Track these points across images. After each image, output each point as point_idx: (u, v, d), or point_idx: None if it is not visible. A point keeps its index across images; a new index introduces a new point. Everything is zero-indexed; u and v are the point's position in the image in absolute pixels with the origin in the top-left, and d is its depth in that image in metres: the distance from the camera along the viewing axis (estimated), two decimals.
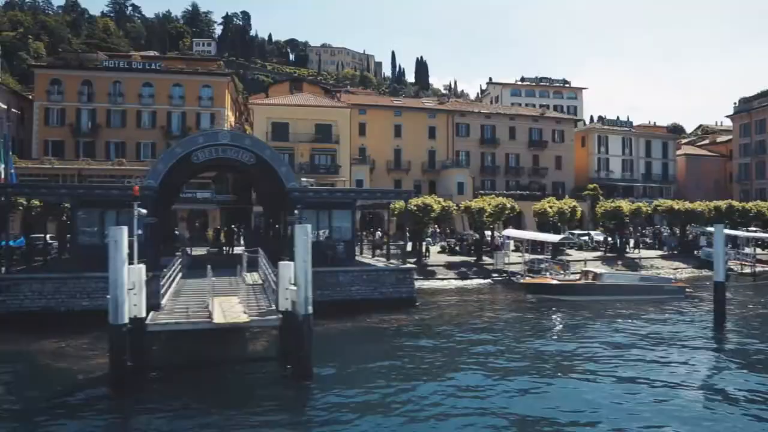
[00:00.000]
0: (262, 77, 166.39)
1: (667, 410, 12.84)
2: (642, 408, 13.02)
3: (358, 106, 62.02)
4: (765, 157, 74.19)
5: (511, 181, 66.16)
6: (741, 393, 14.02)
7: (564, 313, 25.06)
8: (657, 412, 12.76)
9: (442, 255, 41.89)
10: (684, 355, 18.15)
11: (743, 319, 25.01)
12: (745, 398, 13.64)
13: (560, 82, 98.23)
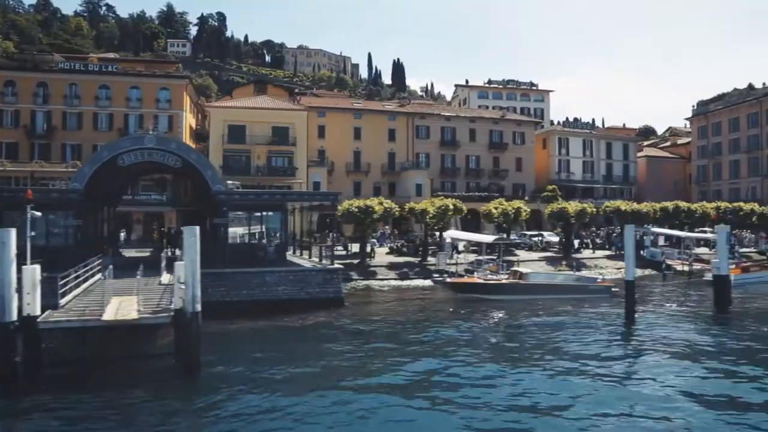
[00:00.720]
0: (237, 78, 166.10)
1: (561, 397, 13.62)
2: (530, 397, 13.67)
3: (317, 108, 62.41)
4: (721, 159, 75.81)
5: (471, 182, 66.89)
6: (641, 381, 15.06)
7: (484, 310, 25.67)
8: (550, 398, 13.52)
9: (390, 256, 42.51)
10: (591, 348, 18.87)
11: (656, 314, 25.82)
12: (649, 386, 14.61)
13: (527, 84, 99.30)
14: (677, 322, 24.13)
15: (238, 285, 25.91)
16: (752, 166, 71.29)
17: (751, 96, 72.16)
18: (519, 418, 12.44)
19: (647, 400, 13.52)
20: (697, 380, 15.35)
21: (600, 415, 12.47)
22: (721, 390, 14.38)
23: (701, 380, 15.37)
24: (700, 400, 13.52)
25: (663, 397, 13.78)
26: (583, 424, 12.00)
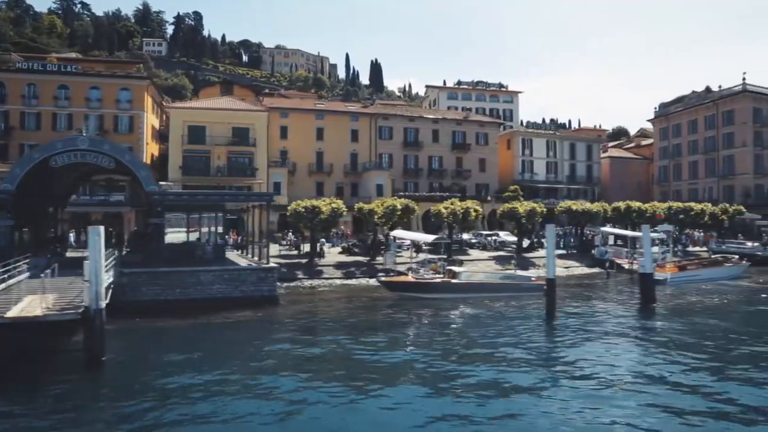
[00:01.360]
0: (213, 78, 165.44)
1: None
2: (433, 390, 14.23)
3: (279, 109, 62.68)
4: (681, 160, 77.31)
5: (434, 182, 67.53)
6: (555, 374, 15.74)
7: (410, 309, 26.26)
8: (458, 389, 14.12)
9: (342, 256, 43.04)
10: (504, 343, 19.53)
11: (581, 310, 26.65)
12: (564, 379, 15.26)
13: (496, 85, 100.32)
14: (597, 317, 24.96)
15: (172, 284, 26.32)
16: (709, 167, 72.82)
17: (708, 99, 73.69)
18: (423, 407, 13.04)
19: (555, 390, 14.27)
20: (601, 368, 16.22)
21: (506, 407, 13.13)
22: (622, 377, 15.34)
23: (604, 368, 16.24)
24: (601, 388, 14.43)
25: (570, 387, 14.52)
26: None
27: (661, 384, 14.65)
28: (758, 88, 69.34)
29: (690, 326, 22.47)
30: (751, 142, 68.17)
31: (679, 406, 12.89)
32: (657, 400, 13.34)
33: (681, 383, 14.67)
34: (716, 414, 12.48)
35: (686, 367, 16.27)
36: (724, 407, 12.85)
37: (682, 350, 18.29)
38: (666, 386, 14.48)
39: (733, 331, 21.78)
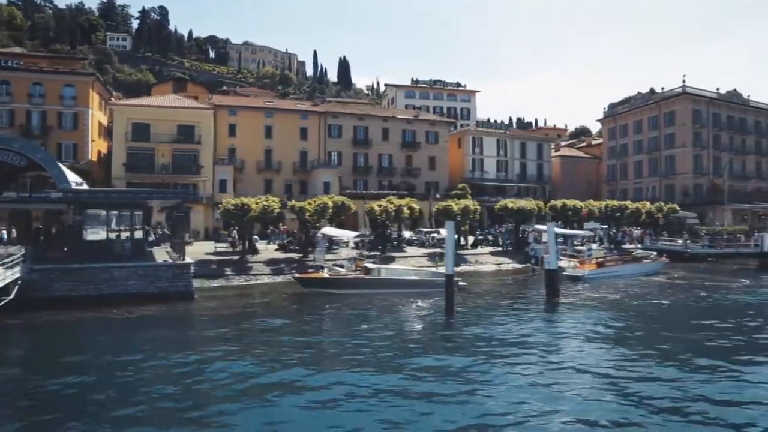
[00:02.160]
0: (179, 74, 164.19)
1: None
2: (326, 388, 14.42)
3: (227, 107, 62.94)
4: (627, 160, 79.38)
5: (384, 180, 68.41)
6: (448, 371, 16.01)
7: (318, 304, 26.97)
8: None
9: (278, 252, 43.61)
10: (397, 337, 20.17)
11: (486, 305, 27.72)
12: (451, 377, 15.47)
13: (454, 85, 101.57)
14: (498, 312, 25.96)
15: (85, 280, 26.65)
16: (652, 167, 74.96)
17: (651, 100, 75.82)
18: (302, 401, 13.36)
19: (444, 381, 14.74)
20: (484, 357, 17.06)
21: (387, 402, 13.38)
22: (507, 367, 16.05)
23: (487, 357, 17.10)
24: (485, 376, 15.12)
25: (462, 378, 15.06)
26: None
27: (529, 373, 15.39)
28: (697, 91, 71.60)
29: (583, 319, 23.49)
30: (691, 142, 70.37)
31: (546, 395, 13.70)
32: (529, 389, 14.02)
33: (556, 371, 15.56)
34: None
35: (562, 356, 17.15)
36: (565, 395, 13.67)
37: (568, 340, 19.39)
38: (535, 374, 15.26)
39: (619, 322, 22.97)
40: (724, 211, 63.91)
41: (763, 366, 16.21)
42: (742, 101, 76.66)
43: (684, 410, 12.48)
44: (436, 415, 12.21)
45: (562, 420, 11.87)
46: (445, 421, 11.83)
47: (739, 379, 14.75)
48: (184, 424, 11.91)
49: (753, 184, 76.86)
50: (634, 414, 12.19)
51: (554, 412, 12.39)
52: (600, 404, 12.92)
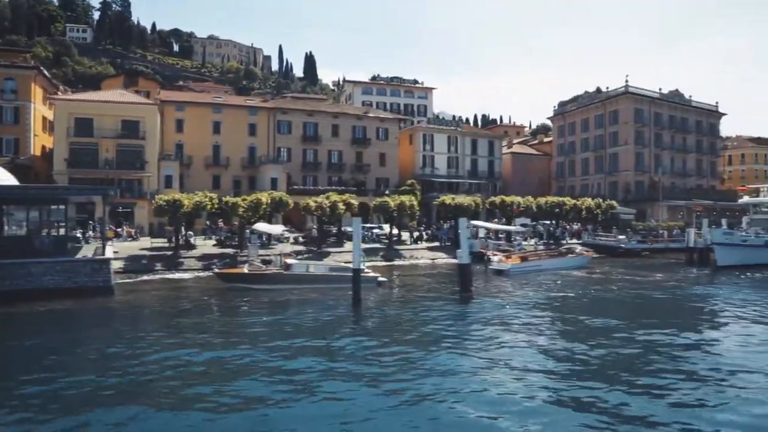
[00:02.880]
0: (141, 67, 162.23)
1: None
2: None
3: (175, 102, 63.00)
4: (575, 157, 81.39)
5: (334, 177, 69.12)
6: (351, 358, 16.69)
7: (233, 299, 27.59)
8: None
9: (215, 248, 44.09)
10: (318, 331, 20.59)
11: (394, 298, 28.67)
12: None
13: (411, 82, 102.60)
14: (406, 305, 26.92)
15: (1, 276, 26.94)
16: (598, 164, 77.06)
17: (597, 99, 77.87)
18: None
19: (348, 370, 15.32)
20: (389, 347, 17.78)
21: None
22: (410, 356, 16.64)
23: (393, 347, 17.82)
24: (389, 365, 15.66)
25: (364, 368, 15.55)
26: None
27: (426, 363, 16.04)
28: (639, 90, 73.77)
29: (484, 311, 24.47)
30: (633, 140, 72.56)
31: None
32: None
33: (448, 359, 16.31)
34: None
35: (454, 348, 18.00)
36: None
37: (462, 330, 20.34)
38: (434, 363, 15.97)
39: (519, 312, 23.98)
40: (661, 207, 66.14)
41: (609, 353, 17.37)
42: (684, 101, 79.16)
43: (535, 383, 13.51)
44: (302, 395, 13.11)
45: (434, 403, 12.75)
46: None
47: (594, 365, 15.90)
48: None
49: (694, 181, 79.58)
50: (506, 397, 13.01)
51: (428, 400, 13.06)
52: (457, 384, 13.84)
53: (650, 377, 14.49)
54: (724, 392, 13.35)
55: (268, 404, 12.56)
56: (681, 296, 29.67)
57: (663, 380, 14.17)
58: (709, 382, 14.13)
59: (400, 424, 11.50)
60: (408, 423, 11.51)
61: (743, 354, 16.98)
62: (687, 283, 34.79)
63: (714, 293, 31.01)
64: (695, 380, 14.23)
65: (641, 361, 16.15)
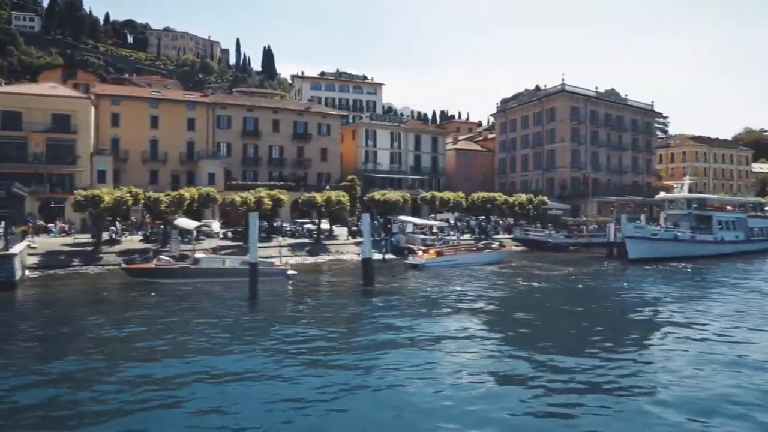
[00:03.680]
0: (93, 59, 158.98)
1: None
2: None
3: (110, 96, 62.42)
4: (515, 154, 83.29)
5: (274, 172, 69.40)
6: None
7: (137, 294, 28.02)
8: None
9: (141, 243, 44.20)
10: (200, 325, 21.09)
11: (296, 292, 29.43)
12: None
13: (360, 77, 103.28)
14: (306, 298, 27.71)
15: None
16: (536, 161, 79.07)
17: (536, 97, 79.82)
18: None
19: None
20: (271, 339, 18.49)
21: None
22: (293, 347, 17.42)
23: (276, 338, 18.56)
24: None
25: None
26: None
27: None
28: (574, 88, 75.88)
29: (380, 304, 25.46)
30: (569, 138, 74.64)
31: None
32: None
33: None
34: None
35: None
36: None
37: (354, 323, 21.17)
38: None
39: (412, 306, 24.87)
40: (591, 203, 68.39)
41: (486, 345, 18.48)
42: (620, 100, 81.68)
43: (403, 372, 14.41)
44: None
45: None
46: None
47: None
48: None
49: (630, 178, 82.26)
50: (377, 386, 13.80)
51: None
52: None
53: (503, 364, 15.61)
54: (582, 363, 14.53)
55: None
56: (571, 287, 31.14)
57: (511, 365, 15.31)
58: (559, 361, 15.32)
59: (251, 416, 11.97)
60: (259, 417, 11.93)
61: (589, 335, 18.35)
62: (589, 276, 36.42)
63: (607, 284, 32.74)
64: (545, 360, 15.39)
65: (500, 348, 17.32)
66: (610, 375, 14.43)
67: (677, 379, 14.01)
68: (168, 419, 11.73)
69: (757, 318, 21.75)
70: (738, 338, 18.44)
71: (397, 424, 11.46)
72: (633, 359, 16.03)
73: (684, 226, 49.10)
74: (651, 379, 14.14)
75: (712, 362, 15.45)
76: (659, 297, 27.57)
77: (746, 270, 39.65)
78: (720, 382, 13.74)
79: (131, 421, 11.46)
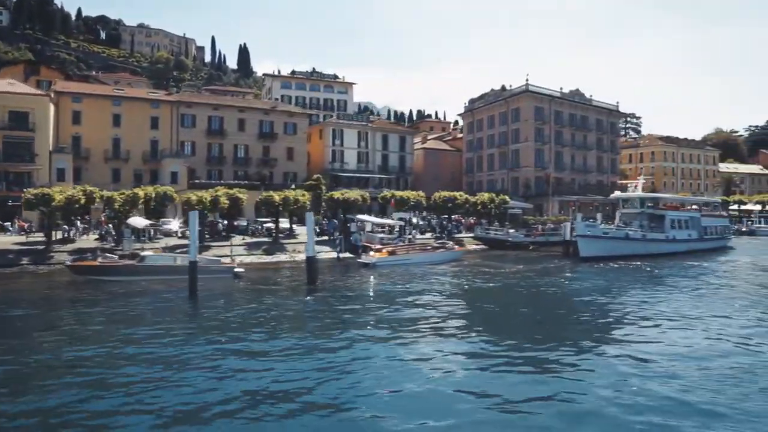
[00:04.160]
0: (64, 55, 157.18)
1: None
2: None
3: (71, 94, 62.00)
4: (482, 153, 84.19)
5: (239, 171, 69.44)
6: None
7: (78, 291, 28.16)
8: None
9: (96, 242, 44.13)
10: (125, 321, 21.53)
11: (244, 290, 29.77)
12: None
13: (331, 77, 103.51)
14: (249, 297, 28.02)
15: None
16: (502, 160, 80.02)
17: (501, 97, 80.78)
18: None
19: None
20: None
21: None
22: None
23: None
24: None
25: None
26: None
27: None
28: (538, 89, 76.95)
29: (319, 301, 25.98)
30: (533, 137, 75.68)
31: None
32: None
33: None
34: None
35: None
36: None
37: (288, 320, 21.53)
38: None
39: (352, 303, 25.40)
40: (553, 202, 69.47)
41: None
42: (584, 100, 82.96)
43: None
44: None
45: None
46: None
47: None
48: None
49: (594, 177, 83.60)
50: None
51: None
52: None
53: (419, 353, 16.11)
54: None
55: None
56: (511, 284, 31.74)
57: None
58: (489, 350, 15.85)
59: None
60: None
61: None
62: (534, 273, 37.09)
63: (548, 280, 33.47)
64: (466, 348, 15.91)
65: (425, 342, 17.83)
66: (521, 364, 15.03)
67: (590, 370, 14.67)
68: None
69: (686, 316, 22.35)
70: (655, 335, 19.01)
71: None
72: (551, 349, 16.70)
73: (637, 224, 50.21)
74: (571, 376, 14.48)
75: (623, 359, 15.99)
76: (594, 292, 28.43)
77: (692, 267, 40.68)
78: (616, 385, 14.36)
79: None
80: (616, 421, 11.35)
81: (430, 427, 11.08)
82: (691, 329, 19.72)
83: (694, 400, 12.41)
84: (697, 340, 17.97)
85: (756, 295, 27.99)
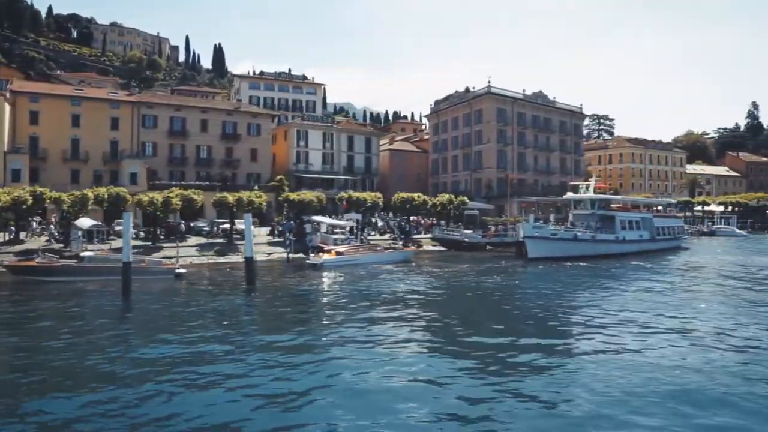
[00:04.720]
0: (33, 53, 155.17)
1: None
2: None
3: (28, 94, 61.61)
4: (447, 154, 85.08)
5: (202, 172, 69.35)
6: None
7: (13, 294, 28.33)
8: None
9: (47, 243, 44.08)
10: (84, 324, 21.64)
11: (189, 290, 30.10)
12: None
13: (300, 77, 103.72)
14: (184, 297, 28.37)
15: None
16: (465, 161, 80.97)
17: (465, 99, 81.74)
18: None
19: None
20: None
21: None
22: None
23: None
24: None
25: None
26: None
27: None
28: (500, 91, 78.05)
29: (253, 302, 26.47)
30: (495, 139, 76.70)
31: None
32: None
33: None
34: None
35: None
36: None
37: (221, 319, 21.95)
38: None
39: (285, 303, 25.93)
40: (512, 203, 70.53)
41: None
42: (548, 102, 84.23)
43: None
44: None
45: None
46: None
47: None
48: None
49: (558, 178, 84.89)
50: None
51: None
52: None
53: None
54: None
55: None
56: (449, 284, 32.36)
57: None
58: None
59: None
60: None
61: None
62: (478, 273, 37.82)
63: (488, 280, 34.24)
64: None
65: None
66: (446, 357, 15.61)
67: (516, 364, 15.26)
68: None
69: (611, 313, 23.07)
70: (581, 330, 19.85)
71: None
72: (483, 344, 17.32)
73: (588, 225, 51.21)
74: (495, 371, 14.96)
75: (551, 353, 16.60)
76: (527, 290, 29.30)
77: (639, 268, 41.64)
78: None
79: None
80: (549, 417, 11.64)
81: None
82: (620, 326, 20.30)
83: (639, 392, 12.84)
84: (625, 339, 18.36)
85: (694, 291, 29.10)
